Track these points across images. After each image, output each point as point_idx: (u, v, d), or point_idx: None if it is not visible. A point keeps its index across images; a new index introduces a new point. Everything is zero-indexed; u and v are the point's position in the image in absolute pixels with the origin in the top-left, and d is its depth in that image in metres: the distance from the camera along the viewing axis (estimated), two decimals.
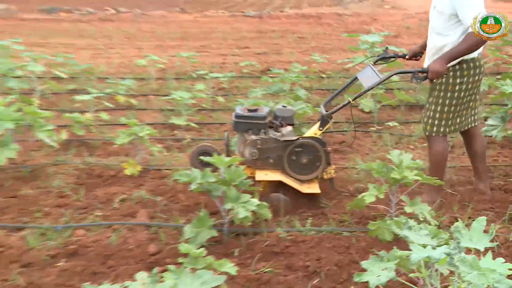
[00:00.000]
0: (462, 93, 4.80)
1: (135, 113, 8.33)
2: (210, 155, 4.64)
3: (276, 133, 5.08)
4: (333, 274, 3.87)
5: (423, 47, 5.39)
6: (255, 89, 7.83)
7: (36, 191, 5.55)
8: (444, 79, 4.76)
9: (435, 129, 4.93)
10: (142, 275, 2.73)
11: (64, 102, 9.17)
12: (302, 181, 4.98)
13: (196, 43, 17.17)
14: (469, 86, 4.83)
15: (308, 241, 4.34)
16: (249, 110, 5.18)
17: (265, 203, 4.35)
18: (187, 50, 14.13)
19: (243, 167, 4.79)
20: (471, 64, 4.78)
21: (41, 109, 6.17)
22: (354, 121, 6.30)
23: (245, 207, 4.11)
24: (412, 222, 2.90)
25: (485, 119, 7.00)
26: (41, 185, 5.69)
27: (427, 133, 5.06)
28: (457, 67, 4.75)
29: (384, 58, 5.69)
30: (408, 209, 3.99)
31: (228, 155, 5.00)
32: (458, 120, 4.95)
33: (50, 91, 9.48)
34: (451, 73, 4.75)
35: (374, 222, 4.17)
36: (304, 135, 5.12)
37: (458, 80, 4.76)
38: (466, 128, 5.06)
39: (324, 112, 5.10)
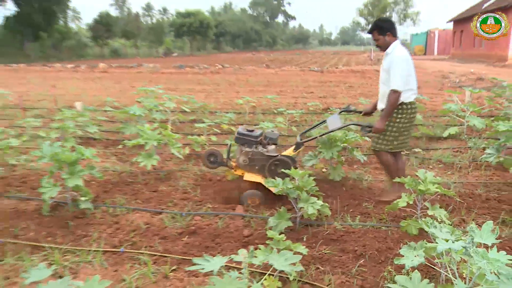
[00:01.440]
0: (402, 125, 4.85)
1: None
2: (216, 156, 5.29)
3: (263, 148, 5.13)
4: (375, 257, 3.81)
5: (374, 107, 5.37)
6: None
7: (169, 188, 5.68)
8: (393, 118, 4.83)
9: (379, 146, 4.97)
10: (243, 251, 2.76)
11: (187, 128, 9.38)
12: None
13: (276, 89, 17.26)
14: (406, 121, 4.85)
15: (357, 232, 4.28)
16: (248, 130, 5.24)
17: (327, 204, 4.34)
18: (270, 93, 14.23)
19: (237, 169, 5.23)
20: (409, 105, 4.81)
21: (173, 133, 6.30)
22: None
23: (313, 206, 4.11)
24: (435, 223, 2.86)
25: (484, 149, 6.84)
26: (172, 184, 5.82)
27: (373, 149, 5.09)
28: (399, 108, 4.78)
29: (347, 111, 5.62)
30: (430, 212, 3.90)
31: (228, 158, 5.31)
32: (396, 144, 4.93)
33: (178, 120, 9.72)
34: (397, 112, 4.80)
35: (405, 220, 4.10)
36: (282, 154, 5.14)
37: (399, 116, 4.81)
38: (400, 149, 5.07)
39: (299, 140, 5.20)
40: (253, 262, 2.74)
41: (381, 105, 4.96)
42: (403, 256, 2.69)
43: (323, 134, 5.29)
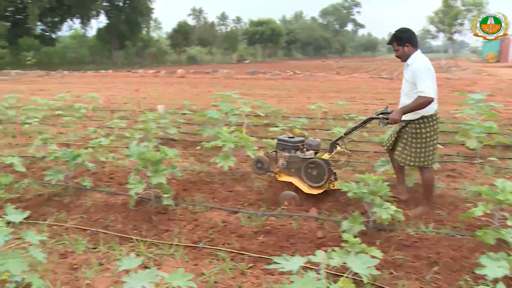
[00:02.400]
0: (431, 138, 4.71)
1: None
2: (262, 162, 5.44)
3: (301, 153, 5.18)
4: (449, 265, 3.65)
5: None
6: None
7: (244, 188, 5.72)
8: (417, 133, 4.71)
9: (425, 163, 4.76)
10: (320, 252, 2.74)
11: (261, 131, 9.44)
12: (310, 186, 5.05)
13: (346, 95, 17.01)
14: (433, 133, 4.70)
15: (430, 239, 4.13)
16: (289, 137, 5.38)
17: (400, 210, 4.22)
18: (341, 100, 14.02)
19: (280, 174, 5.30)
20: (430, 119, 4.66)
21: (248, 136, 6.36)
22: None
23: (386, 211, 4.01)
24: None
25: None
26: (247, 185, 5.86)
27: (419, 166, 4.85)
28: (422, 121, 4.66)
29: (385, 113, 5.32)
30: (509, 223, 3.68)
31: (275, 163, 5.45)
32: (431, 158, 4.77)
33: (252, 124, 9.81)
34: (416, 125, 4.70)
35: (481, 229, 3.88)
36: (316, 157, 5.15)
37: (423, 131, 4.69)
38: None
39: (333, 142, 5.25)
40: (330, 263, 2.71)
41: (408, 116, 4.74)
42: (483, 266, 2.56)
43: (348, 132, 5.27)
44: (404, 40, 4.68)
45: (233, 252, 3.98)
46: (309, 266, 3.56)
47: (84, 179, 5.53)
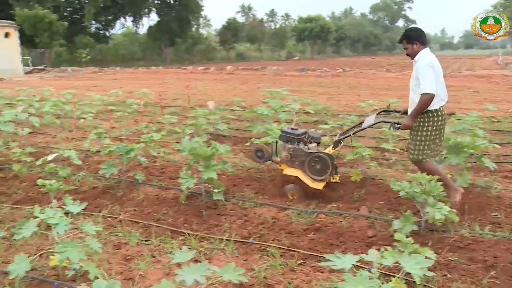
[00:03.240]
0: (430, 134, 4.76)
1: (357, 139, 8.27)
2: (263, 151, 5.49)
3: (304, 146, 5.29)
4: (508, 270, 3.51)
5: None
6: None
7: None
8: (420, 126, 4.77)
9: (416, 157, 4.84)
10: (373, 251, 2.69)
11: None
12: (313, 179, 5.13)
13: (397, 93, 16.65)
14: (434, 129, 4.74)
15: (486, 242, 3.98)
16: (292, 129, 5.45)
17: (454, 210, 4.09)
18: (392, 97, 13.79)
19: (281, 164, 5.42)
20: (435, 113, 4.72)
21: None
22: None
23: (440, 212, 3.90)
24: None
25: None
26: (297, 182, 5.79)
27: (412, 160, 4.96)
28: (424, 116, 4.73)
29: (386, 111, 5.53)
30: None
31: (274, 154, 5.58)
32: (430, 153, 4.82)
33: (301, 121, 9.76)
34: (421, 120, 4.76)
35: None
36: (321, 151, 5.24)
37: (427, 124, 4.75)
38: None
39: (337, 138, 5.35)
40: (383, 263, 2.66)
41: (410, 111, 4.82)
42: None
43: (356, 132, 5.31)
44: (413, 39, 4.82)
45: (283, 248, 3.98)
46: (358, 265, 3.52)
47: (136, 173, 5.67)
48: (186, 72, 33.25)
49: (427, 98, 4.54)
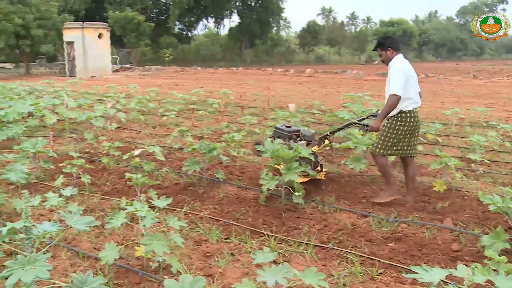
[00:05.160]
0: (400, 132, 4.95)
1: (440, 148, 7.96)
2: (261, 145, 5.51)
3: (293, 143, 5.49)
4: None
5: None
6: None
7: (374, 193, 5.55)
8: (389, 124, 4.99)
9: (376, 150, 5.06)
10: (462, 267, 2.57)
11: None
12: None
13: (485, 101, 15.86)
14: (405, 128, 4.92)
15: None
16: (286, 126, 5.85)
17: None
18: (478, 105, 13.14)
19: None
20: (407, 114, 4.91)
21: None
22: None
23: None
24: None
25: None
26: (377, 189, 5.68)
27: (371, 151, 5.19)
28: (398, 115, 4.92)
29: (374, 115, 5.53)
30: None
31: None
32: (394, 149, 5.03)
33: None
34: (394, 119, 4.95)
35: None
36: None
37: (398, 124, 4.93)
38: (403, 156, 5.10)
39: (320, 136, 5.81)
40: (474, 280, 2.53)
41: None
42: None
43: (334, 131, 5.76)
44: (386, 46, 5.08)
45: (363, 256, 3.89)
46: (444, 280, 3.37)
47: (217, 172, 5.79)
48: (266, 73, 33.54)
49: (394, 100, 4.78)
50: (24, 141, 6.36)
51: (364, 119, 5.50)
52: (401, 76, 4.84)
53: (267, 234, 4.26)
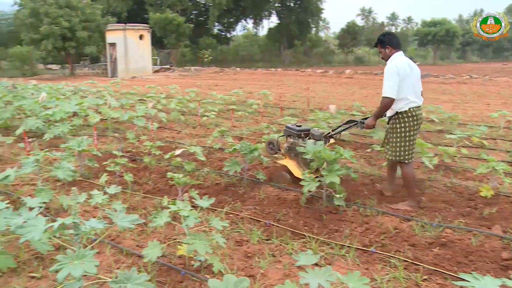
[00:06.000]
0: (405, 133, 4.94)
1: (486, 151, 7.72)
2: (273, 144, 6.12)
3: (302, 141, 5.71)
4: None
5: None
6: None
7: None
8: (393, 129, 5.00)
9: (401, 158, 5.01)
10: None
11: (434, 138, 8.95)
12: (303, 170, 5.46)
13: None
14: (407, 129, 4.91)
15: None
16: (296, 125, 6.03)
17: None
18: None
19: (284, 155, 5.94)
20: (404, 115, 4.88)
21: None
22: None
23: None
24: None
25: None
26: (419, 194, 5.51)
27: (397, 160, 5.09)
28: (395, 116, 4.94)
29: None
30: None
31: (278, 149, 6.10)
32: (413, 149, 5.04)
33: (424, 129, 9.31)
34: (393, 120, 4.98)
35: None
36: None
37: (398, 126, 4.93)
38: None
39: (326, 134, 5.84)
40: None
41: (387, 113, 5.07)
42: None
43: (334, 130, 5.85)
44: (385, 43, 5.04)
45: (406, 261, 3.81)
46: None
47: (258, 172, 5.79)
48: (305, 74, 33.38)
49: (386, 102, 4.81)
50: (70, 140, 6.53)
51: (366, 118, 5.48)
52: (394, 77, 4.77)
53: (308, 236, 4.24)
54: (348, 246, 4.04)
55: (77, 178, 5.97)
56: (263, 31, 68.75)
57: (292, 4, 60.13)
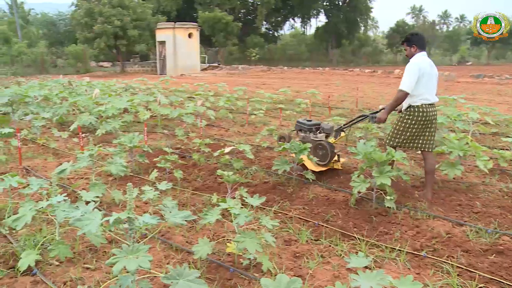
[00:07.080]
0: (409, 125, 5.17)
1: None
2: (285, 138, 6.70)
3: (314, 135, 6.19)
4: None
5: None
6: None
7: (470, 201, 5.24)
8: (400, 117, 5.27)
9: (387, 141, 5.38)
10: None
11: (488, 140, 8.65)
12: (316, 164, 5.94)
13: None
14: (413, 122, 5.13)
15: None
16: (307, 120, 6.44)
17: None
18: None
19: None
20: (416, 109, 5.09)
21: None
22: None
23: None
24: None
25: None
26: (473, 197, 5.36)
27: (385, 142, 5.42)
28: (408, 109, 5.16)
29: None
30: None
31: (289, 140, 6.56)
32: (402, 140, 5.26)
33: (478, 132, 9.02)
34: (404, 113, 5.20)
35: None
36: (324, 139, 6.08)
37: (406, 117, 5.16)
38: (419, 149, 5.30)
39: (336, 128, 6.27)
40: None
41: (403, 106, 5.27)
42: None
43: (345, 124, 6.16)
44: (412, 42, 5.24)
45: (460, 267, 3.70)
46: None
47: (307, 172, 5.76)
48: (353, 74, 33.00)
49: (401, 95, 5.05)
50: (121, 136, 6.70)
51: (376, 112, 5.75)
52: (414, 73, 5.00)
53: (358, 238, 4.18)
54: (399, 250, 3.96)
55: (128, 174, 6.12)
56: (310, 30, 68.52)
57: (340, 3, 59.60)
